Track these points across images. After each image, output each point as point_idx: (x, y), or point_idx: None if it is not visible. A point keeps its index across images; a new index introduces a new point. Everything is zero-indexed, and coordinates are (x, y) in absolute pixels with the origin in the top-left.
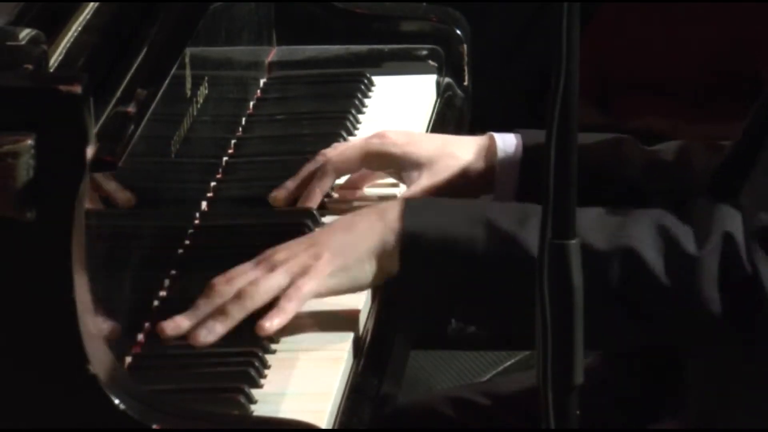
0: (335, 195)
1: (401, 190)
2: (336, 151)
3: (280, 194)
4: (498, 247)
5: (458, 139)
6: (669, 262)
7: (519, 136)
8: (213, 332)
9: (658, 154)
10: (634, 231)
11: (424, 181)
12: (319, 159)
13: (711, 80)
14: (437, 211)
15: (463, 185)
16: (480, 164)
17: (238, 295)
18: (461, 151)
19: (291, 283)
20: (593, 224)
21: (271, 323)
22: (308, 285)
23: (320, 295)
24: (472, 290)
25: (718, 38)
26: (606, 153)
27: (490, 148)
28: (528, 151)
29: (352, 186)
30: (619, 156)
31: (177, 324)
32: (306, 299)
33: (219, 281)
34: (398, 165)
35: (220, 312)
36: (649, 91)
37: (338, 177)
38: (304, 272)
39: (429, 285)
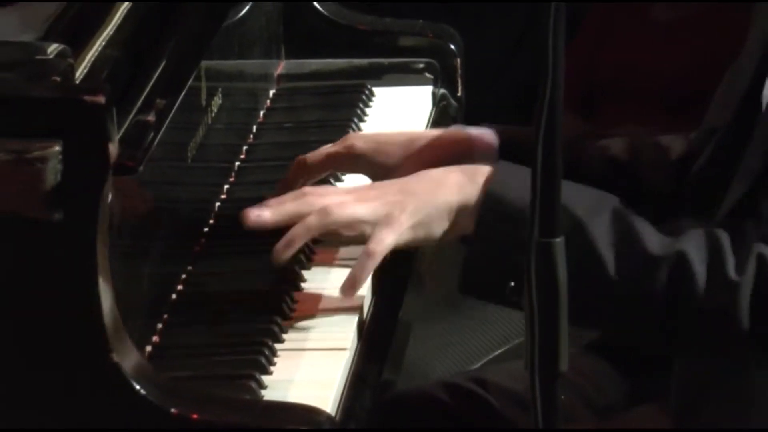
0: None
1: None
2: (310, 155)
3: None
4: (566, 231)
5: (426, 135)
6: (711, 279)
7: (492, 131)
8: (292, 244)
9: (609, 150)
10: (689, 240)
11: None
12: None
13: (687, 90)
14: (522, 181)
15: None
16: (453, 157)
17: (324, 210)
18: (429, 147)
19: (373, 226)
20: (651, 229)
21: (358, 278)
22: (388, 238)
23: (398, 246)
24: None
25: (693, 51)
26: (566, 150)
27: (463, 140)
28: (504, 143)
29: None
30: (579, 153)
31: (261, 215)
32: (386, 252)
33: (311, 191)
34: (367, 167)
35: (301, 222)
36: (630, 100)
37: (313, 178)
38: (387, 220)
39: (496, 248)
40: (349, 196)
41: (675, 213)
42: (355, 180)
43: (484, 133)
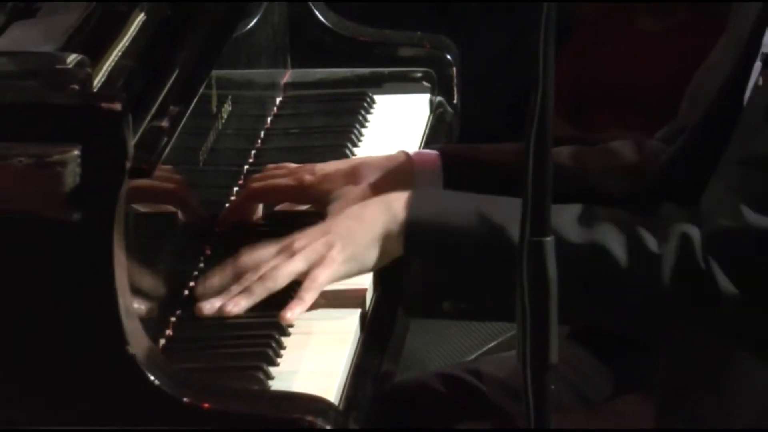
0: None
1: None
2: (260, 185)
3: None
4: (489, 239)
5: (369, 163)
6: (633, 258)
7: (437, 153)
8: (238, 306)
9: (556, 159)
10: (604, 228)
11: (339, 208)
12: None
13: (670, 97)
14: (437, 203)
15: None
16: (395, 184)
17: (262, 278)
18: (373, 176)
19: (308, 271)
20: (570, 220)
21: (293, 312)
22: (323, 275)
23: (333, 281)
24: (464, 274)
25: (676, 60)
26: (514, 158)
27: (404, 167)
28: (448, 167)
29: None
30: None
31: (212, 305)
32: (322, 287)
33: (246, 264)
34: (315, 197)
35: (246, 290)
36: (617, 106)
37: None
38: (319, 261)
39: (428, 267)
40: (279, 257)
41: (640, 211)
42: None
43: (427, 156)
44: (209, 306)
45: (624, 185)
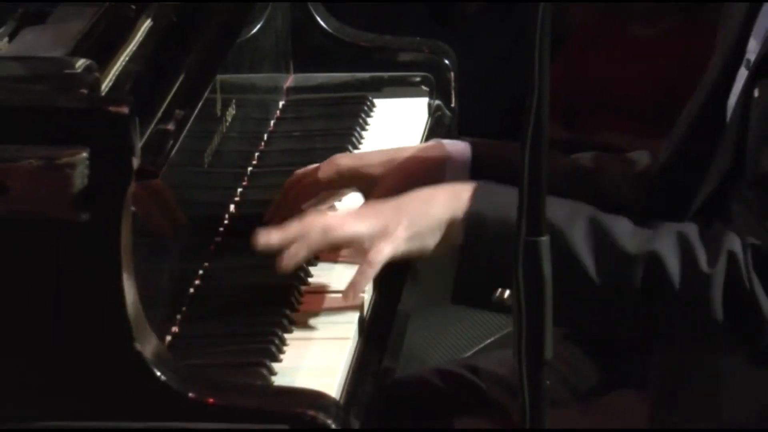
0: None
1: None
2: (320, 225)
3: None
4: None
5: (405, 150)
6: (685, 274)
7: (467, 144)
8: (296, 257)
9: (578, 162)
10: (661, 238)
11: (378, 192)
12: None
13: (660, 101)
14: (501, 197)
15: (413, 189)
16: (428, 170)
17: (325, 228)
18: (408, 162)
19: (370, 242)
20: (628, 230)
21: (358, 285)
22: (386, 249)
23: (395, 256)
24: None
25: (666, 66)
26: None
27: (438, 155)
28: (476, 156)
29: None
30: (551, 164)
31: (268, 238)
32: (384, 262)
33: (311, 214)
34: (353, 182)
35: (305, 239)
36: (609, 110)
37: (305, 200)
38: (384, 234)
39: (483, 257)
40: (348, 215)
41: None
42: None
43: (459, 147)
44: (265, 237)
45: (637, 192)
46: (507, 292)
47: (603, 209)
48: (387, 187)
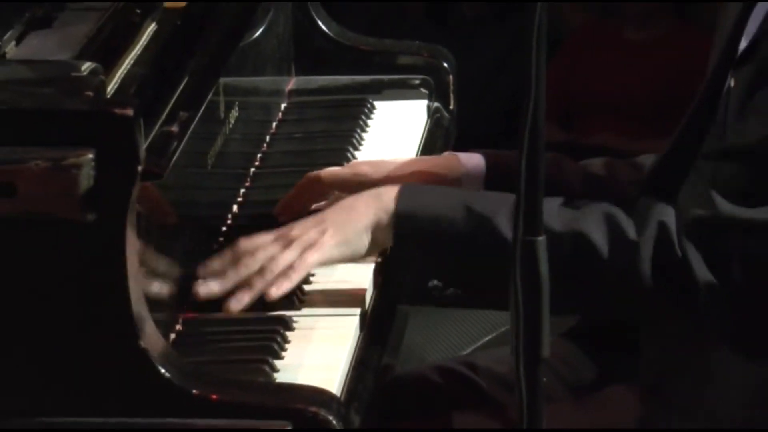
0: None
1: None
2: (324, 180)
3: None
4: (475, 228)
5: (423, 162)
6: (613, 245)
7: (482, 156)
8: (241, 302)
9: (589, 168)
10: (586, 217)
11: None
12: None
13: (655, 103)
14: (425, 195)
15: None
16: (444, 180)
17: (260, 271)
18: (425, 173)
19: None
20: (553, 211)
21: (278, 289)
22: (313, 256)
23: (324, 264)
24: (450, 261)
25: (660, 68)
26: (550, 168)
27: (454, 166)
28: (490, 168)
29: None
30: (561, 170)
31: (209, 288)
32: (310, 268)
33: (245, 254)
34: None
35: (245, 284)
36: (605, 112)
37: (320, 199)
38: (312, 245)
39: (416, 255)
40: (275, 246)
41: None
42: None
43: (474, 159)
44: (205, 288)
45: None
46: (442, 285)
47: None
48: None
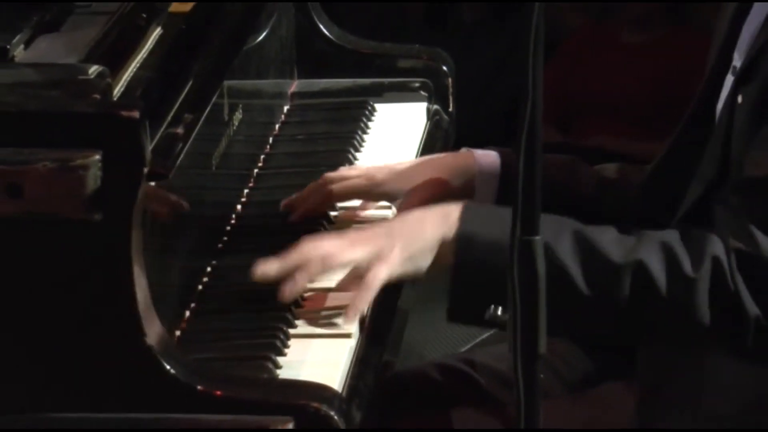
0: (338, 214)
1: (393, 212)
2: (336, 182)
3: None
4: None
5: (436, 158)
6: (670, 279)
7: (497, 153)
8: (296, 284)
9: (603, 173)
10: (645, 247)
11: (410, 203)
12: (321, 183)
13: (652, 105)
14: (489, 218)
15: (444, 199)
16: (459, 180)
17: (322, 258)
18: (439, 173)
19: (367, 266)
20: (612, 240)
21: (358, 307)
22: (382, 272)
23: (391, 279)
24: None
25: (657, 71)
26: (564, 172)
27: (468, 164)
28: (506, 166)
29: (353, 209)
30: (576, 175)
31: (265, 269)
32: (381, 284)
33: (308, 243)
34: (385, 194)
35: (304, 268)
36: (601, 114)
37: (333, 203)
38: (379, 258)
39: (474, 277)
40: (344, 242)
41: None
42: None
43: (489, 157)
44: (262, 268)
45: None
46: (500, 309)
47: (630, 220)
48: (419, 198)
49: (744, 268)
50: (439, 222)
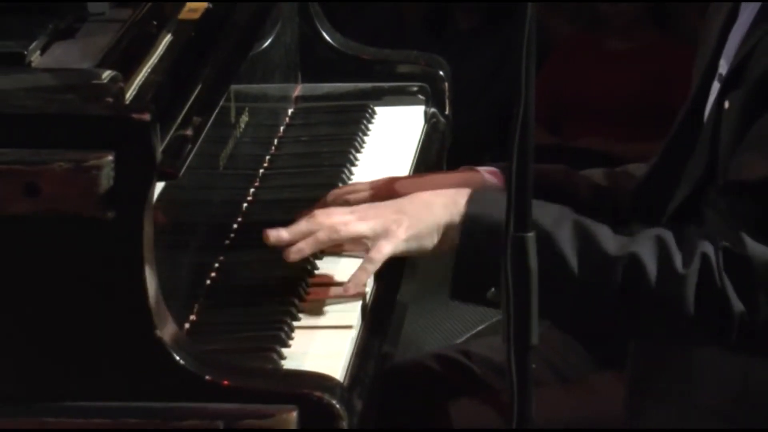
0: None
1: None
2: (352, 197)
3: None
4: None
5: (444, 174)
6: (661, 273)
7: (498, 171)
8: (302, 251)
9: (594, 179)
10: (640, 241)
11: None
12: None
13: (637, 108)
14: (496, 202)
15: None
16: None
17: (331, 227)
18: (446, 184)
19: (373, 240)
20: (609, 233)
21: (357, 281)
22: (386, 248)
23: (395, 254)
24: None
25: (642, 76)
26: (558, 176)
27: (476, 181)
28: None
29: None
30: (569, 179)
31: (278, 234)
32: (384, 259)
33: (320, 213)
34: None
35: (312, 236)
36: (590, 117)
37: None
38: (385, 234)
39: (477, 258)
40: (352, 215)
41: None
42: None
43: (491, 173)
44: (275, 234)
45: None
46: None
47: (621, 223)
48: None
49: (731, 266)
50: (447, 205)
